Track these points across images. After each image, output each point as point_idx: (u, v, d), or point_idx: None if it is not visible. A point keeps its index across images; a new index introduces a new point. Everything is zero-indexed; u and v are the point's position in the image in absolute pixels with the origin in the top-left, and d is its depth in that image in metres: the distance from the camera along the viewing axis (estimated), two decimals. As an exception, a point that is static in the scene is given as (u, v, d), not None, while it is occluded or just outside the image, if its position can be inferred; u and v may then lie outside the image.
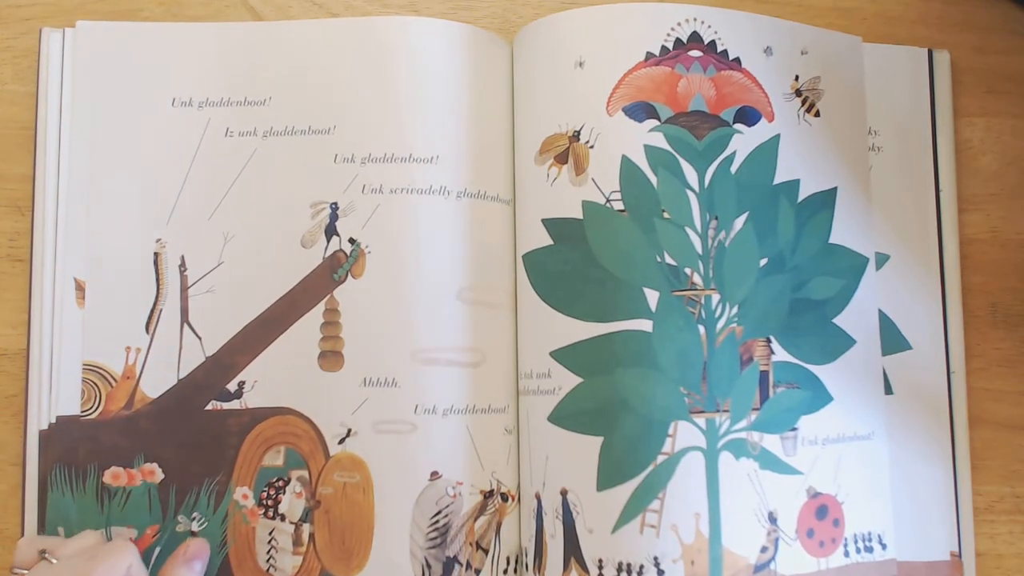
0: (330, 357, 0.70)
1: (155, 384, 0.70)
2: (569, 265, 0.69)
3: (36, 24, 0.74)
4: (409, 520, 0.69)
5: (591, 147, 0.70)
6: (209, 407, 0.70)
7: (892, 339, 0.75)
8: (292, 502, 0.70)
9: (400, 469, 0.70)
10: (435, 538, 0.69)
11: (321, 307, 0.71)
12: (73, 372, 0.70)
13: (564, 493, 0.68)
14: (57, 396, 0.69)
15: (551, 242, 0.70)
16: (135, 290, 0.71)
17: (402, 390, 0.70)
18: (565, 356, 0.69)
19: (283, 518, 0.70)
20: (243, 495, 0.70)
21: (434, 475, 0.70)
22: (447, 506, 0.70)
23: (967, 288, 0.77)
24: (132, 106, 0.72)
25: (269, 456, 0.70)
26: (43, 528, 0.68)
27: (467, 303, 0.71)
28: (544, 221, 0.70)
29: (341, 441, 0.70)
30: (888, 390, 0.74)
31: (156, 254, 0.71)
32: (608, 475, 0.67)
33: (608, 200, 0.69)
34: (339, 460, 0.70)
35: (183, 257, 0.71)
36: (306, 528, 0.70)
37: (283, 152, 0.72)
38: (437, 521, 0.69)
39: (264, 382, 0.71)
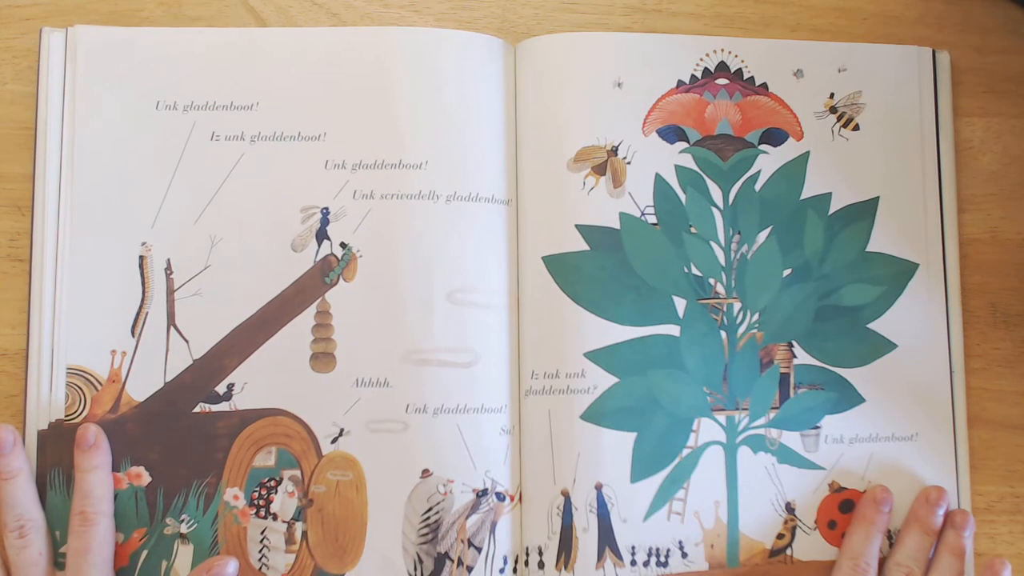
0: (322, 359, 0.71)
1: (141, 387, 0.70)
2: (605, 271, 0.73)
3: (36, 24, 0.72)
4: (401, 516, 0.71)
5: (628, 163, 0.73)
6: (197, 410, 0.71)
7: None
8: (284, 501, 0.71)
9: (392, 467, 0.71)
10: (426, 534, 0.71)
11: (312, 309, 0.71)
12: (59, 375, 0.70)
13: (599, 487, 0.72)
14: (55, 399, 0.69)
15: (585, 247, 0.73)
16: (120, 293, 0.71)
17: (394, 390, 0.71)
18: (601, 357, 0.72)
19: (275, 517, 0.71)
20: (234, 496, 0.70)
21: (425, 473, 0.71)
22: (438, 503, 0.71)
23: (967, 288, 0.78)
24: (117, 109, 0.72)
25: (260, 457, 0.71)
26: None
27: (458, 304, 0.72)
28: (579, 227, 0.73)
29: (334, 440, 0.71)
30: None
31: (141, 257, 0.71)
32: (641, 468, 0.72)
33: (643, 213, 0.73)
34: (332, 459, 0.71)
35: (169, 260, 0.71)
36: (299, 526, 0.70)
37: (272, 157, 0.72)
38: (428, 517, 0.71)
39: (254, 384, 0.71)
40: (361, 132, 0.72)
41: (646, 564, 0.72)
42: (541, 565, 0.72)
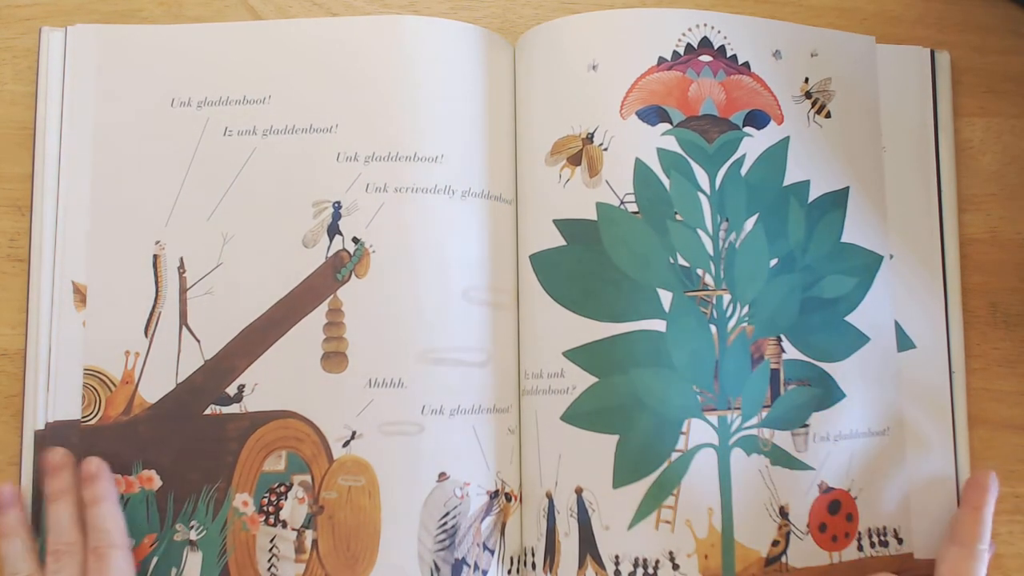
0: (333, 358, 0.70)
1: (154, 389, 0.69)
2: (583, 266, 0.70)
3: (36, 24, 0.73)
4: (417, 523, 0.69)
5: (605, 149, 0.71)
6: (208, 412, 0.69)
7: (897, 338, 0.75)
8: (294, 508, 0.69)
9: (407, 471, 0.69)
10: (443, 540, 0.69)
11: (324, 307, 0.70)
12: (74, 377, 0.69)
13: (579, 491, 0.69)
14: (55, 399, 0.69)
15: (563, 243, 0.71)
16: (134, 293, 0.70)
17: (409, 391, 0.69)
18: (579, 356, 0.69)
19: (284, 525, 0.69)
20: (243, 502, 0.69)
21: (442, 476, 0.69)
22: (455, 507, 0.69)
23: (967, 288, 0.77)
24: (131, 108, 0.72)
25: (270, 461, 0.69)
26: (38, 532, 0.67)
27: (473, 303, 0.71)
28: (556, 222, 0.71)
29: (346, 444, 0.69)
30: None
31: (155, 256, 0.70)
32: (624, 473, 0.69)
33: (622, 202, 0.70)
34: (343, 463, 0.69)
35: (182, 259, 0.71)
36: (309, 534, 0.69)
37: (284, 151, 0.71)
38: (445, 523, 0.69)
39: (265, 385, 0.70)
40: (374, 123, 0.71)
41: (632, 575, 0.69)
42: (533, 566, 0.71)
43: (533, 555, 0.71)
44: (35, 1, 0.75)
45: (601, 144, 0.71)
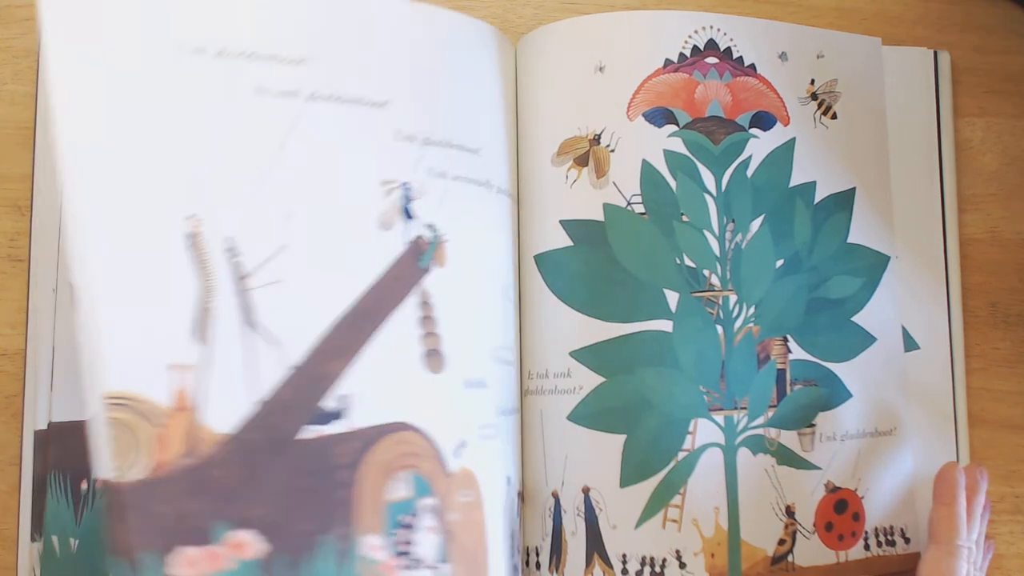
0: (434, 356, 0.61)
1: (224, 414, 0.53)
2: (590, 266, 0.70)
3: (36, 24, 0.73)
4: (507, 533, 0.66)
5: (612, 151, 0.71)
6: (302, 435, 0.55)
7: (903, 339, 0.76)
8: (426, 540, 0.59)
9: (496, 478, 0.65)
10: (512, 546, 0.67)
11: (415, 298, 0.61)
12: (94, 412, 0.51)
13: (586, 491, 0.69)
14: (51, 399, 0.67)
15: (569, 243, 0.70)
16: (168, 287, 0.54)
17: (490, 391, 0.66)
18: (586, 356, 0.69)
19: (419, 563, 0.58)
20: (372, 546, 0.56)
21: (508, 481, 0.67)
22: (515, 511, 0.68)
23: (967, 288, 0.77)
24: (126, 55, 0.56)
25: (393, 487, 0.58)
26: (39, 533, 0.66)
27: (508, 300, 0.70)
28: (563, 222, 0.71)
29: (456, 453, 0.62)
30: None
31: (192, 235, 0.55)
32: (631, 472, 0.68)
33: (629, 203, 0.70)
34: (459, 477, 0.61)
35: (231, 240, 0.56)
36: (446, 570, 0.58)
37: (334, 121, 0.60)
38: (512, 529, 0.67)
39: (368, 393, 0.58)
40: (426, 105, 0.64)
41: (639, 574, 0.68)
42: (538, 566, 0.71)
43: (537, 555, 0.71)
44: (35, 1, 0.74)
45: (608, 145, 0.71)
